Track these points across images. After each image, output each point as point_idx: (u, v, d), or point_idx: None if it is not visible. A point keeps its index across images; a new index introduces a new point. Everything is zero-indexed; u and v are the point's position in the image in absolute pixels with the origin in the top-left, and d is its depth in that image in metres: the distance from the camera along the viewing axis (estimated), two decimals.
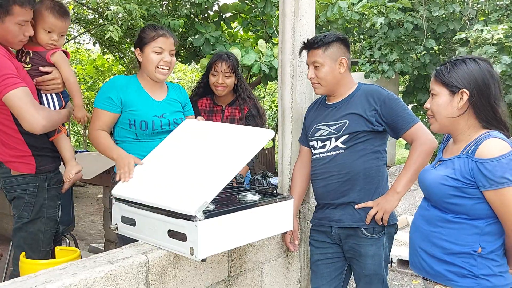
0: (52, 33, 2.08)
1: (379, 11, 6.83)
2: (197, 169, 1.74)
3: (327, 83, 2.09)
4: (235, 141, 1.82)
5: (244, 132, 1.89)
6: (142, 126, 2.11)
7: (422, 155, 1.99)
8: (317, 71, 2.08)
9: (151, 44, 2.12)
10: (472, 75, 1.61)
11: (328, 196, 2.13)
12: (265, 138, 1.79)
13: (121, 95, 2.11)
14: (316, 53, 2.07)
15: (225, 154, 1.76)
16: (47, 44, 2.09)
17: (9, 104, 1.87)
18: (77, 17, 8.49)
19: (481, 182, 1.54)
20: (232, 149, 1.78)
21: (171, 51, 2.17)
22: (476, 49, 5.99)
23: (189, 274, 1.76)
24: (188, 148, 1.90)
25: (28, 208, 2.06)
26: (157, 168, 1.87)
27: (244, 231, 1.71)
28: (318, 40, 2.06)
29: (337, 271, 2.21)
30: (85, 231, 5.70)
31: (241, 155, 1.72)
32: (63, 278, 1.33)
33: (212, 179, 1.63)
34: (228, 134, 1.90)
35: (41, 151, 2.08)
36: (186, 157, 1.86)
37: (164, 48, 2.13)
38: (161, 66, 2.13)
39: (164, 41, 2.13)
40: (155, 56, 2.12)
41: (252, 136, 1.82)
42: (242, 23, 6.95)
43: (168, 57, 2.15)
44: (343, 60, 2.08)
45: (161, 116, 2.15)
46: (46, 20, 2.05)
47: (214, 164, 1.72)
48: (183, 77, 16.54)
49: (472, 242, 1.60)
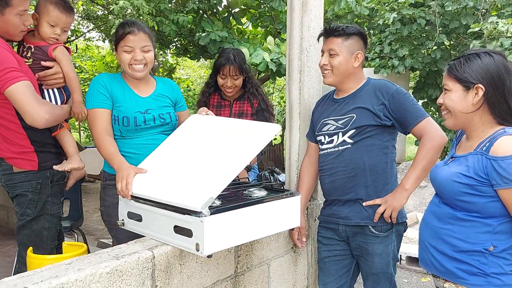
0: (56, 27, 2.07)
1: (391, 8, 6.76)
2: (203, 165, 1.73)
3: (338, 72, 2.06)
4: (241, 136, 1.81)
5: (250, 127, 1.87)
6: (124, 122, 2.05)
7: (431, 151, 1.94)
8: (331, 59, 2.05)
9: (120, 44, 2.05)
10: (487, 69, 1.57)
11: (336, 192, 2.11)
12: (272, 133, 1.76)
13: (109, 90, 2.07)
14: (334, 41, 2.04)
15: (231, 150, 1.75)
16: (50, 38, 2.08)
17: (11, 98, 1.86)
18: (86, 13, 8.53)
19: (495, 180, 1.51)
20: (238, 144, 1.76)
21: (144, 47, 2.05)
22: (490, 42, 5.88)
23: (195, 270, 1.75)
24: (194, 144, 1.89)
25: (31, 205, 2.05)
26: (163, 163, 1.86)
27: (251, 227, 1.69)
28: (340, 29, 2.03)
29: (345, 269, 2.19)
30: (94, 226, 5.74)
31: (247, 151, 1.70)
32: (69, 273, 1.33)
33: (218, 175, 1.61)
34: (234, 129, 1.88)
35: (43, 147, 2.07)
36: (192, 152, 1.84)
37: (133, 46, 2.03)
38: (133, 64, 2.06)
39: (133, 39, 2.03)
40: (125, 55, 2.05)
41: (258, 131, 1.80)
42: (251, 19, 6.93)
43: (139, 55, 2.04)
44: (359, 54, 2.06)
45: (145, 112, 2.09)
46: (51, 14, 2.05)
47: (220, 159, 1.71)
48: (192, 73, 16.56)
49: (483, 240, 1.57)
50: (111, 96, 2.07)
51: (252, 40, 6.42)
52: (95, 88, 2.07)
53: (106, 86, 2.07)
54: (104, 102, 2.05)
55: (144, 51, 2.07)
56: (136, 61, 2.05)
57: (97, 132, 2.01)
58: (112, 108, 2.07)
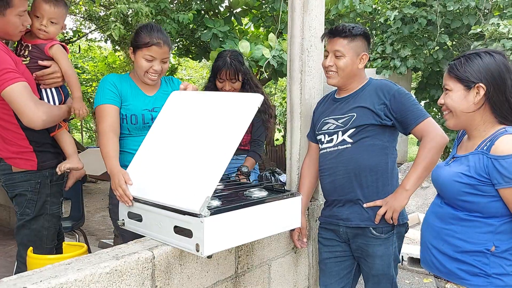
0: (42, 18, 2.07)
1: (392, 6, 6.75)
2: (192, 155, 1.68)
3: (344, 73, 2.05)
4: (225, 114, 1.73)
5: (232, 101, 1.79)
6: (133, 120, 2.09)
7: (432, 151, 1.93)
8: (337, 60, 2.04)
9: (143, 50, 2.07)
10: (488, 69, 1.56)
11: (335, 192, 2.10)
12: (254, 105, 1.66)
13: (119, 89, 2.09)
14: (341, 43, 2.03)
15: (217, 133, 1.68)
16: (37, 30, 2.07)
17: (8, 99, 1.86)
18: (88, 14, 8.54)
19: (496, 179, 1.50)
20: (223, 125, 1.69)
21: (164, 59, 2.11)
22: (492, 43, 5.87)
23: (195, 270, 1.74)
24: (180, 129, 1.84)
25: (30, 205, 2.05)
26: (154, 158, 1.82)
27: (251, 228, 1.68)
28: (347, 29, 2.01)
29: (346, 270, 2.18)
30: (95, 226, 5.74)
31: (233, 132, 1.63)
32: (68, 274, 1.33)
33: (209, 168, 1.58)
34: (216, 107, 1.80)
35: (42, 147, 2.07)
36: (179, 141, 1.79)
37: (156, 57, 2.08)
38: (150, 73, 2.10)
39: (157, 51, 2.07)
40: (145, 62, 2.08)
41: (240, 105, 1.72)
42: (253, 19, 6.93)
43: (158, 66, 2.09)
44: (364, 56, 2.06)
45: (152, 110, 2.13)
46: (37, 6, 2.06)
47: (209, 147, 1.65)
48: (194, 74, 16.57)
49: (485, 240, 1.57)
50: (120, 95, 2.09)
51: (254, 39, 6.40)
52: (105, 86, 2.08)
53: (115, 85, 2.09)
54: (113, 99, 2.06)
55: (163, 62, 2.11)
56: (154, 71, 2.09)
57: (103, 129, 2.01)
58: (121, 107, 2.08)
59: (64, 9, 2.14)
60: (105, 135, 1.98)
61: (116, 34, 5.15)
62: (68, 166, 2.12)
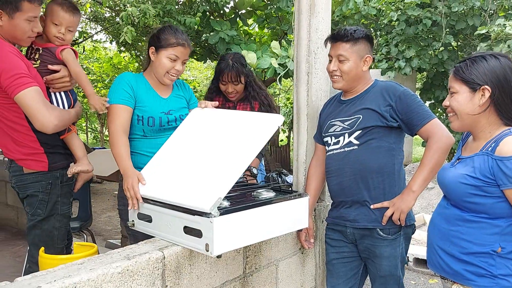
0: (60, 26, 2.11)
1: (397, 7, 6.74)
2: (209, 162, 1.73)
3: (349, 77, 2.06)
4: (244, 130, 1.79)
5: (252, 119, 1.86)
6: (150, 123, 2.10)
7: (438, 152, 1.93)
8: (340, 64, 2.05)
9: (168, 50, 2.10)
10: (493, 71, 1.58)
11: (343, 194, 2.11)
12: (275, 124, 1.74)
13: (134, 89, 2.10)
14: (343, 47, 2.04)
15: (235, 145, 1.74)
16: (55, 36, 2.12)
17: (21, 104, 1.89)
18: (94, 15, 8.58)
19: (502, 180, 1.51)
20: (241, 138, 1.75)
21: (185, 60, 2.17)
22: (497, 44, 5.85)
23: (205, 270, 1.77)
24: (199, 140, 1.89)
25: (42, 206, 2.08)
26: (170, 162, 1.87)
27: (259, 228, 1.71)
28: (349, 33, 2.02)
29: (353, 271, 2.20)
30: (102, 227, 5.77)
31: (252, 145, 1.69)
32: (81, 273, 1.35)
33: (224, 173, 1.62)
34: (237, 122, 1.87)
35: (53, 148, 2.10)
36: (197, 150, 1.85)
37: (180, 57, 2.12)
38: (171, 73, 2.13)
39: (182, 51, 2.12)
40: (168, 62, 2.11)
41: (261, 123, 1.78)
42: (258, 20, 6.94)
43: (180, 66, 2.14)
44: (368, 58, 2.07)
45: (167, 113, 2.15)
46: (55, 14, 2.10)
47: (225, 156, 1.71)
48: (199, 75, 16.59)
49: (492, 241, 1.57)
50: (135, 96, 2.10)
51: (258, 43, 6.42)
52: (120, 85, 2.09)
53: (131, 85, 2.10)
54: (127, 99, 2.07)
55: (184, 63, 2.16)
56: (176, 71, 2.13)
57: (114, 129, 2.03)
58: (134, 108, 2.10)
59: (79, 17, 2.21)
60: (117, 135, 2.01)
61: (129, 37, 5.16)
62: (79, 169, 2.15)
